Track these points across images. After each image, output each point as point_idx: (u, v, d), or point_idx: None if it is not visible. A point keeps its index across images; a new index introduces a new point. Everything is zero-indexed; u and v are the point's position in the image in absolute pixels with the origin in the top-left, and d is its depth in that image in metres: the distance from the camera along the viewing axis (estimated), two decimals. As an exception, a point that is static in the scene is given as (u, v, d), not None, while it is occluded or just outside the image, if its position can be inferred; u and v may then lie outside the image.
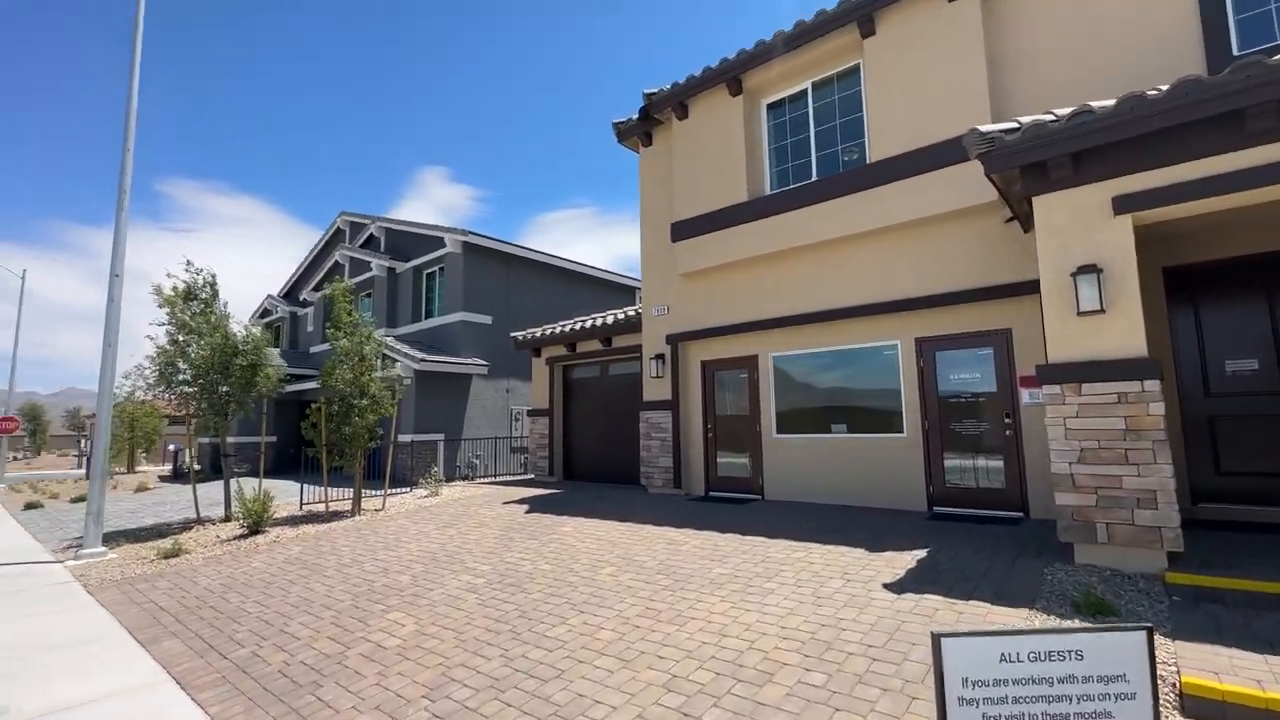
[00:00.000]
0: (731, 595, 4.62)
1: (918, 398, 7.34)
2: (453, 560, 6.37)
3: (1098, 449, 4.53)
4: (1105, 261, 4.61)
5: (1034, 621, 3.74)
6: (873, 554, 5.35)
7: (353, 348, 9.54)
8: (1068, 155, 4.70)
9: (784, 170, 8.83)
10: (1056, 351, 4.80)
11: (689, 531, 6.69)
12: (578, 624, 4.35)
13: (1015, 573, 4.61)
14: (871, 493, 7.55)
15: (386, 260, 17.42)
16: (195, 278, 9.92)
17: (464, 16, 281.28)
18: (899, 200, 7.28)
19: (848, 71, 8.21)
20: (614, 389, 11.91)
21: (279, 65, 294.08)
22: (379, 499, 10.40)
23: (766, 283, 8.69)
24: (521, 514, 8.47)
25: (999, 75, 6.91)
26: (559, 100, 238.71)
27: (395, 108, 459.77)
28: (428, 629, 4.53)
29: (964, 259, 7.03)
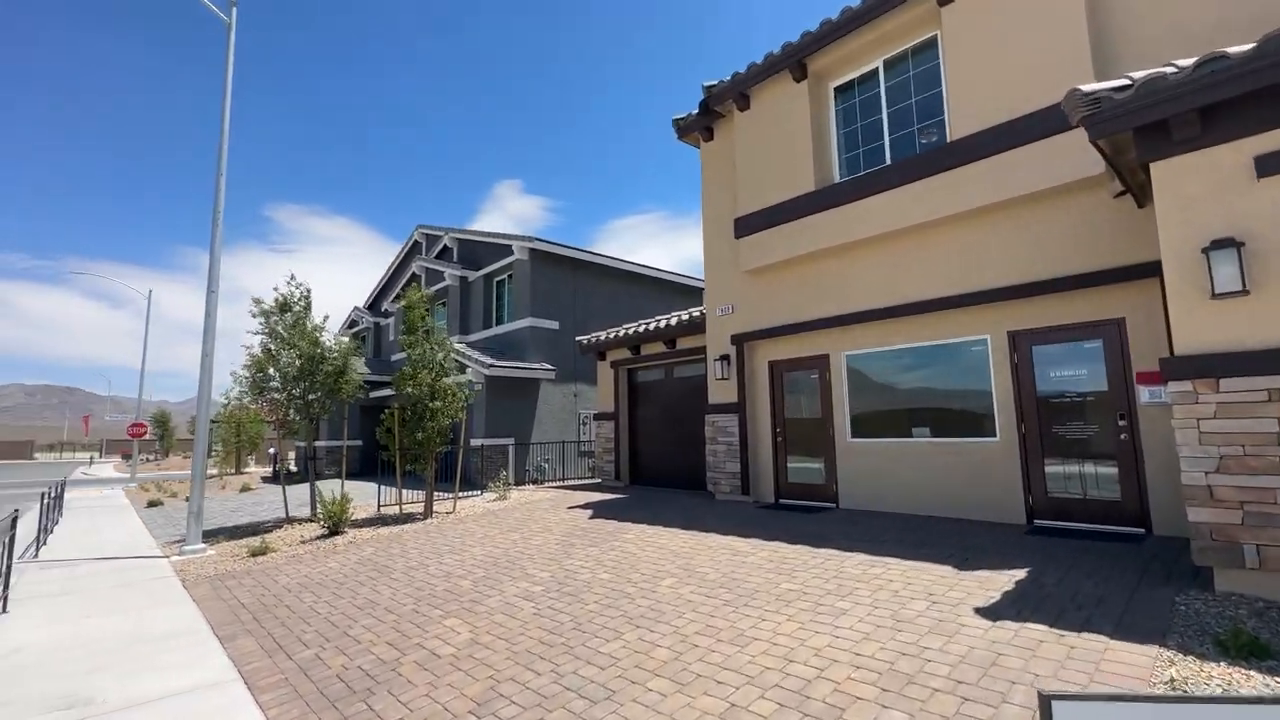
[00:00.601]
0: (800, 614, 4.23)
1: (1012, 398, 6.62)
2: (513, 566, 6.31)
3: (1243, 456, 3.82)
4: (1248, 234, 3.89)
5: (1165, 662, 3.14)
6: (962, 572, 4.80)
7: (425, 354, 9.79)
8: (1195, 111, 4.01)
9: (854, 156, 8.27)
10: (1185, 342, 4.10)
11: (755, 542, 6.32)
12: (633, 640, 4.12)
13: (1138, 601, 3.96)
14: (960, 502, 6.88)
15: (459, 269, 17.98)
16: (293, 291, 10.53)
17: (528, 17, 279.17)
18: (985, 180, 6.60)
19: (923, 45, 7.58)
20: (679, 392, 11.63)
21: (365, 93, 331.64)
22: (450, 502, 10.62)
23: (837, 277, 8.16)
24: (584, 520, 8.35)
25: (1104, 30, 6.12)
26: (626, 104, 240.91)
27: (472, 124, 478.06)
28: (482, 637, 4.44)
29: (1063, 241, 6.27)
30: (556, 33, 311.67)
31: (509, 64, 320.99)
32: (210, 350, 9.22)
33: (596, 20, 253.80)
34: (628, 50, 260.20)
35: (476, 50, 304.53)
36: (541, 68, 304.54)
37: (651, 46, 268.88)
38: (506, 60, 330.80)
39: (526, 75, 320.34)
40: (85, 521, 12.06)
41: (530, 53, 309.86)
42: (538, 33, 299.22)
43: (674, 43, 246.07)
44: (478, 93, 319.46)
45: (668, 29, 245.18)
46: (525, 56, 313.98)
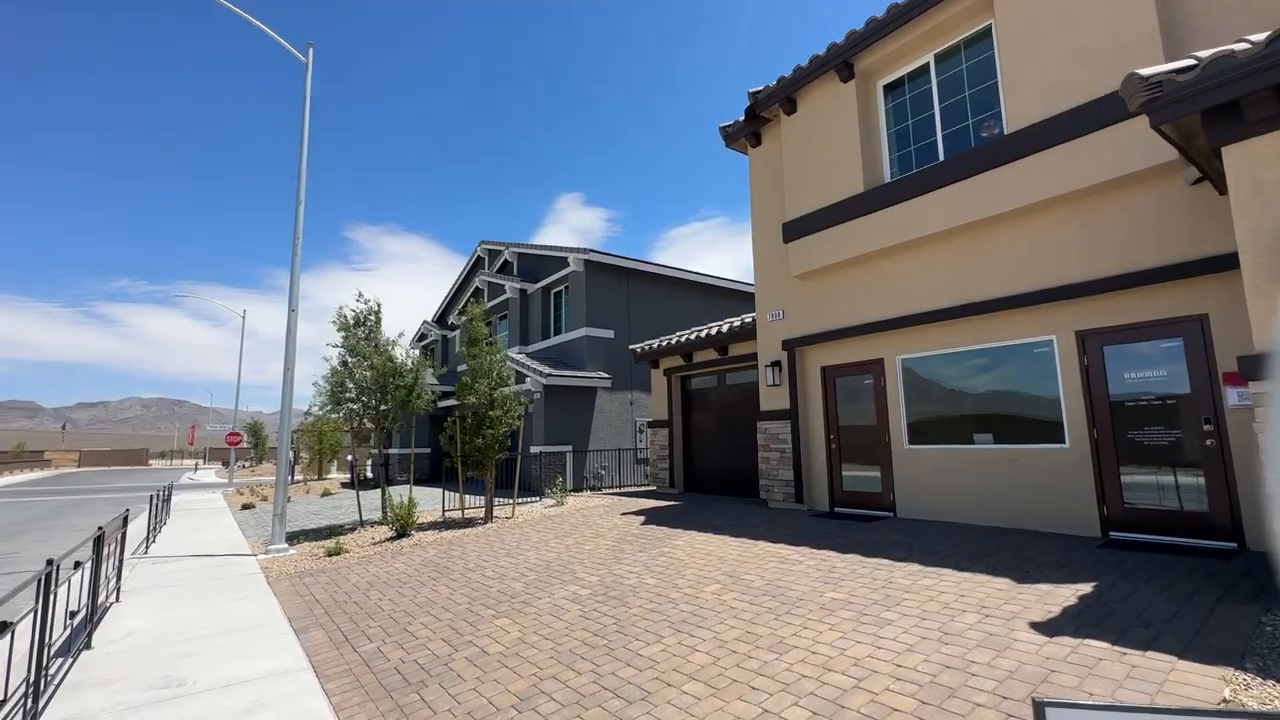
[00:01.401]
0: (842, 624, 4.16)
1: (1082, 401, 6.23)
2: (564, 569, 6.48)
3: (1337, 463, 3.47)
4: (1336, 219, 3.55)
5: (1237, 686, 2.91)
6: (1020, 585, 4.57)
7: (484, 365, 10.22)
8: (1270, 89, 3.71)
9: (905, 155, 8.04)
10: (1266, 338, 3.77)
11: (805, 550, 6.23)
12: (672, 643, 4.17)
13: (1216, 620, 3.66)
14: (1026, 513, 6.52)
15: (518, 282, 18.60)
16: (363, 307, 11.26)
17: (583, 35, 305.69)
18: (1047, 172, 6.28)
19: (976, 36, 7.30)
20: (732, 399, 11.57)
21: (437, 114, 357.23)
22: (509, 507, 10.98)
23: (890, 278, 7.94)
24: (637, 525, 8.46)
25: (1173, 8, 5.72)
26: (685, 111, 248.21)
27: (535, 140, 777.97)
28: (529, 637, 4.61)
29: (1135, 234, 5.87)
30: (612, 48, 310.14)
31: (568, 76, 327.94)
32: (291, 365, 9.98)
33: (647, 25, 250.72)
34: (684, 52, 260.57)
35: (534, 63, 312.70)
36: (599, 79, 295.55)
37: (708, 49, 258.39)
38: (566, 72, 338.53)
39: (586, 86, 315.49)
40: (189, 522, 13.24)
41: (588, 65, 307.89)
42: (593, 45, 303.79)
43: (730, 44, 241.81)
44: (539, 109, 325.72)
45: (720, 32, 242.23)
46: (583, 68, 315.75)
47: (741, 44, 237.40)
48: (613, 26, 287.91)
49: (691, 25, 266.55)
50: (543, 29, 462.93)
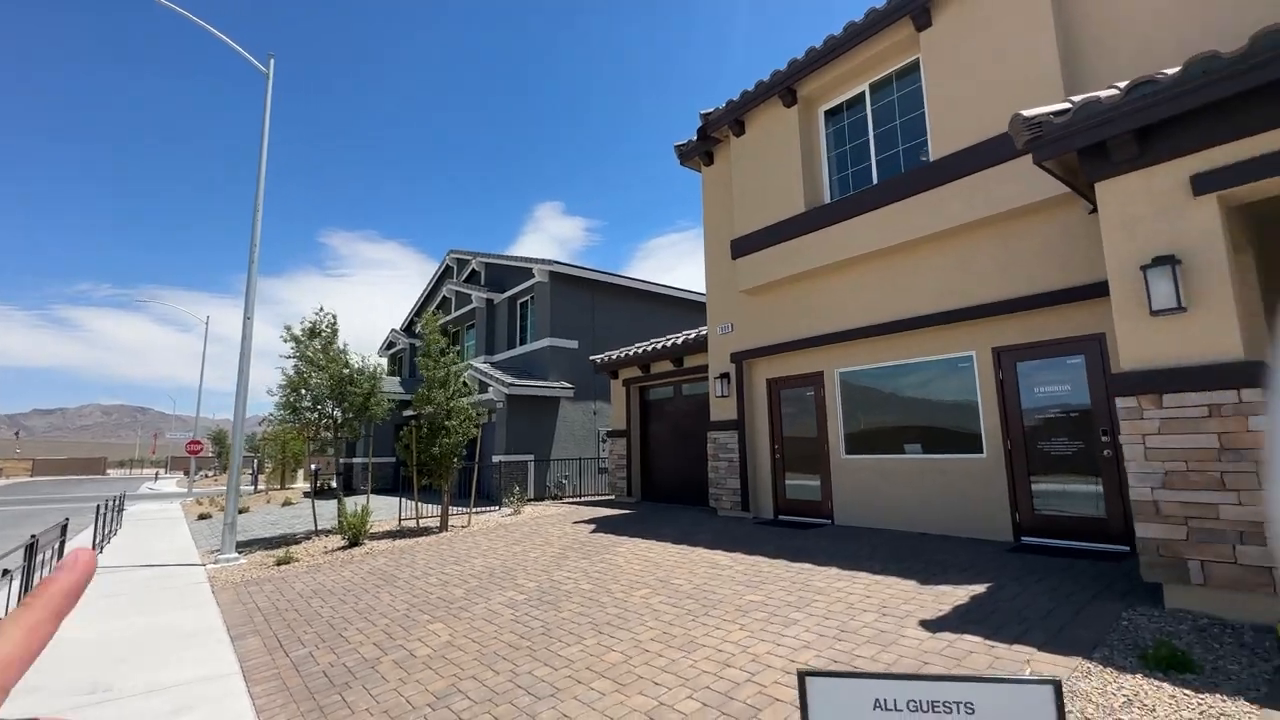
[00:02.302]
0: (752, 624, 4.41)
1: (998, 414, 6.62)
2: (507, 576, 6.64)
3: (1185, 471, 3.84)
4: (1185, 251, 3.95)
5: (1080, 673, 3.22)
6: (924, 587, 4.88)
7: (442, 375, 10.34)
8: (1130, 133, 4.11)
9: (844, 177, 8.45)
10: (1130, 358, 4.15)
11: (738, 556, 6.48)
12: (592, 644, 4.37)
13: (1085, 616, 3.99)
14: (950, 519, 6.88)
15: (485, 292, 18.71)
16: (320, 318, 11.30)
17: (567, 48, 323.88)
18: (966, 198, 6.70)
19: (906, 69, 7.75)
20: (687, 409, 11.85)
21: (412, 124, 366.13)
22: (466, 516, 11.07)
23: (829, 295, 8.30)
24: (586, 534, 8.64)
25: (1075, 51, 6.19)
26: (663, 125, 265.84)
27: (515, 148, 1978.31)
28: (458, 640, 4.77)
29: (1044, 258, 6.30)
30: (595, 63, 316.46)
31: (550, 88, 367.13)
32: (245, 372, 9.97)
33: (631, 44, 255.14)
34: (663, 68, 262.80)
35: (518, 76, 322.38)
36: (582, 93, 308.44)
37: (686, 65, 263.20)
38: (547, 85, 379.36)
39: (568, 99, 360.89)
40: (141, 532, 13.02)
41: (570, 78, 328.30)
42: (577, 60, 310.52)
43: (709, 60, 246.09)
44: (519, 119, 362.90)
45: (702, 46, 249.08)
46: (566, 82, 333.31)
47: (729, 53, 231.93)
48: (600, 38, 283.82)
49: (682, 39, 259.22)
50: (529, 39, 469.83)
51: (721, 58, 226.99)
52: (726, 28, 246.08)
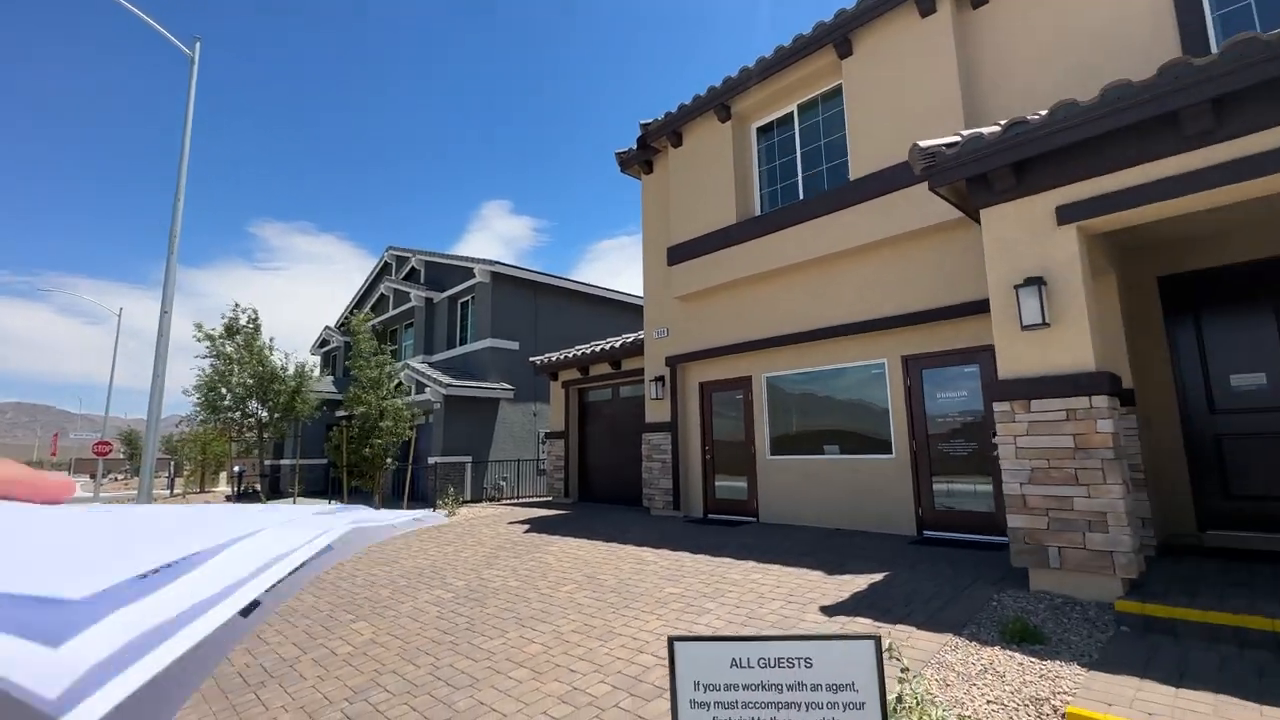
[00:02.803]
0: (669, 614, 4.66)
1: (905, 418, 7.15)
2: (435, 575, 6.66)
3: (1047, 468, 4.35)
4: (1051, 274, 4.46)
5: (950, 647, 3.62)
6: (830, 577, 5.26)
7: (374, 375, 10.18)
8: (1008, 166, 4.61)
9: (774, 191, 8.89)
10: (1005, 367, 4.65)
11: (663, 552, 6.74)
12: (514, 637, 4.51)
13: (963, 599, 4.44)
14: (862, 515, 7.36)
15: (424, 291, 18.40)
16: (239, 316, 10.91)
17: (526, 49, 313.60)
18: (879, 217, 7.21)
19: (830, 93, 8.25)
20: (624, 411, 12.08)
21: (351, 112, 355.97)
22: (398, 518, 10.90)
23: (758, 303, 8.71)
24: (519, 534, 8.71)
25: (975, 86, 6.80)
26: (614, 126, 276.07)
27: (463, 145, 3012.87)
28: (381, 637, 4.80)
29: (947, 274, 6.86)
30: (541, 61, 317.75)
31: (499, 83, 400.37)
32: (162, 371, 9.52)
33: (583, 39, 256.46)
34: (614, 69, 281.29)
35: (465, 72, 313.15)
36: (534, 92, 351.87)
37: (637, 68, 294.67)
38: (497, 80, 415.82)
39: (518, 96, 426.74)
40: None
41: (520, 75, 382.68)
42: (526, 54, 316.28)
43: (660, 64, 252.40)
44: (467, 115, 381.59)
45: (653, 47, 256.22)
46: (515, 79, 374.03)
47: (676, 61, 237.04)
48: (549, 33, 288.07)
49: (626, 37, 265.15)
50: (478, 34, 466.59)
51: (688, 56, 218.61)
52: (677, 33, 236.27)
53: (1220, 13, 5.48)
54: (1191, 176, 3.96)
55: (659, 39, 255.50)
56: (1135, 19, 5.86)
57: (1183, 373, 5.83)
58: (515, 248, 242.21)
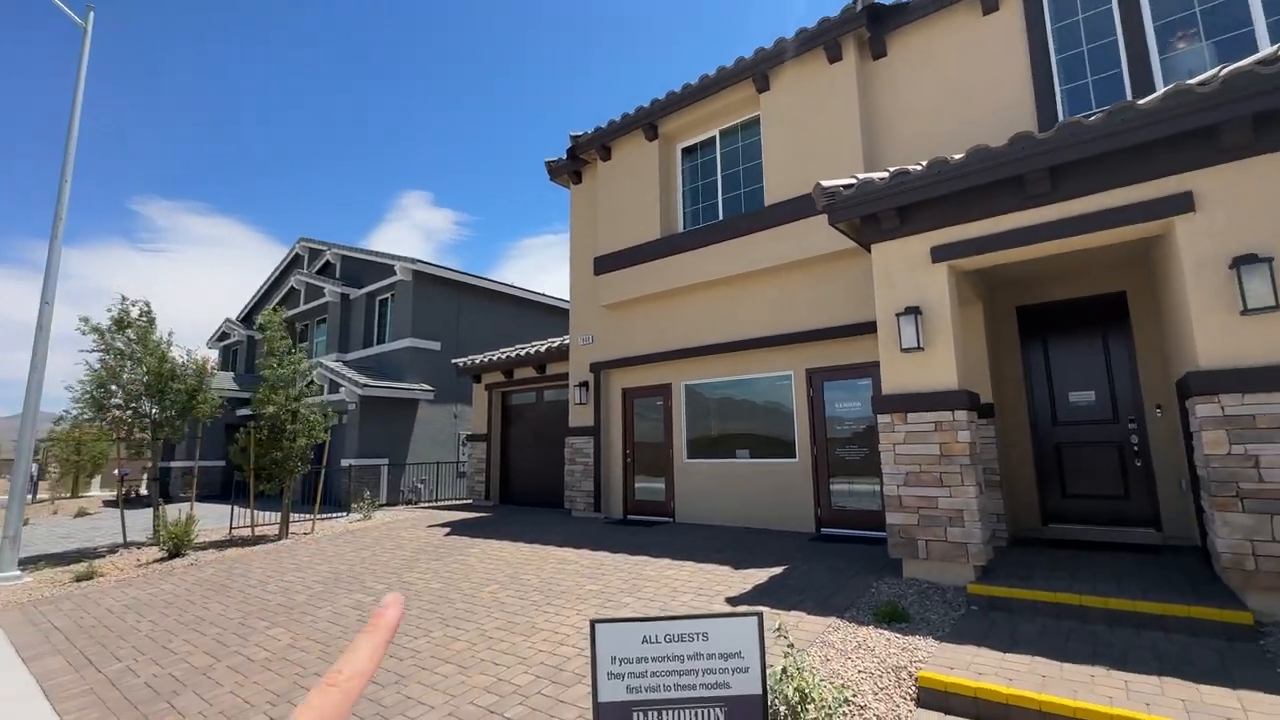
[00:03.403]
0: (588, 609, 4.98)
1: (808, 425, 7.84)
2: (355, 580, 6.63)
3: (919, 472, 5.04)
4: (926, 305, 5.17)
5: (833, 628, 4.17)
6: (737, 571, 5.76)
7: (285, 375, 9.81)
8: (893, 209, 5.30)
9: (696, 210, 9.43)
10: (888, 384, 5.33)
11: (584, 552, 7.04)
12: (439, 636, 4.68)
13: (849, 587, 5.05)
14: (769, 515, 7.98)
15: (340, 286, 17.70)
16: (130, 309, 10.14)
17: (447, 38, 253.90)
18: (789, 241, 7.87)
19: (749, 122, 8.88)
20: (548, 415, 12.27)
21: (261, 89, 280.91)
22: (310, 523, 10.56)
23: (679, 315, 9.21)
24: (440, 537, 8.74)
25: (875, 129, 7.60)
26: (544, 130, 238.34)
27: (380, 132, 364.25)
28: (301, 642, 4.81)
29: (846, 296, 7.61)
30: (476, 52, 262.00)
31: (429, 67, 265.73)
32: (41, 366, 8.77)
33: (501, 32, 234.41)
34: (549, 65, 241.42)
35: (388, 54, 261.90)
36: (458, 80, 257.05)
37: (572, 63, 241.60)
38: (428, 63, 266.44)
39: (442, 85, 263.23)
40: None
41: (450, 60, 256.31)
42: (448, 36, 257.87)
43: (595, 59, 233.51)
44: (390, 97, 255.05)
45: (586, 45, 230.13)
46: (441, 64, 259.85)
47: (613, 55, 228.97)
48: (476, 22, 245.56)
49: (557, 35, 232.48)
50: (401, 12, 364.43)
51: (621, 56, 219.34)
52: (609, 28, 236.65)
53: (1067, 87, 6.49)
54: (1032, 229, 4.76)
55: (604, 40, 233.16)
56: (1004, 83, 6.80)
57: (1033, 389, 6.82)
58: (436, 241, 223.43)
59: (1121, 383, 6.34)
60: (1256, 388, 3.82)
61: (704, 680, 2.16)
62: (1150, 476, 6.02)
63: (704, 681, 2.15)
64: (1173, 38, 6.15)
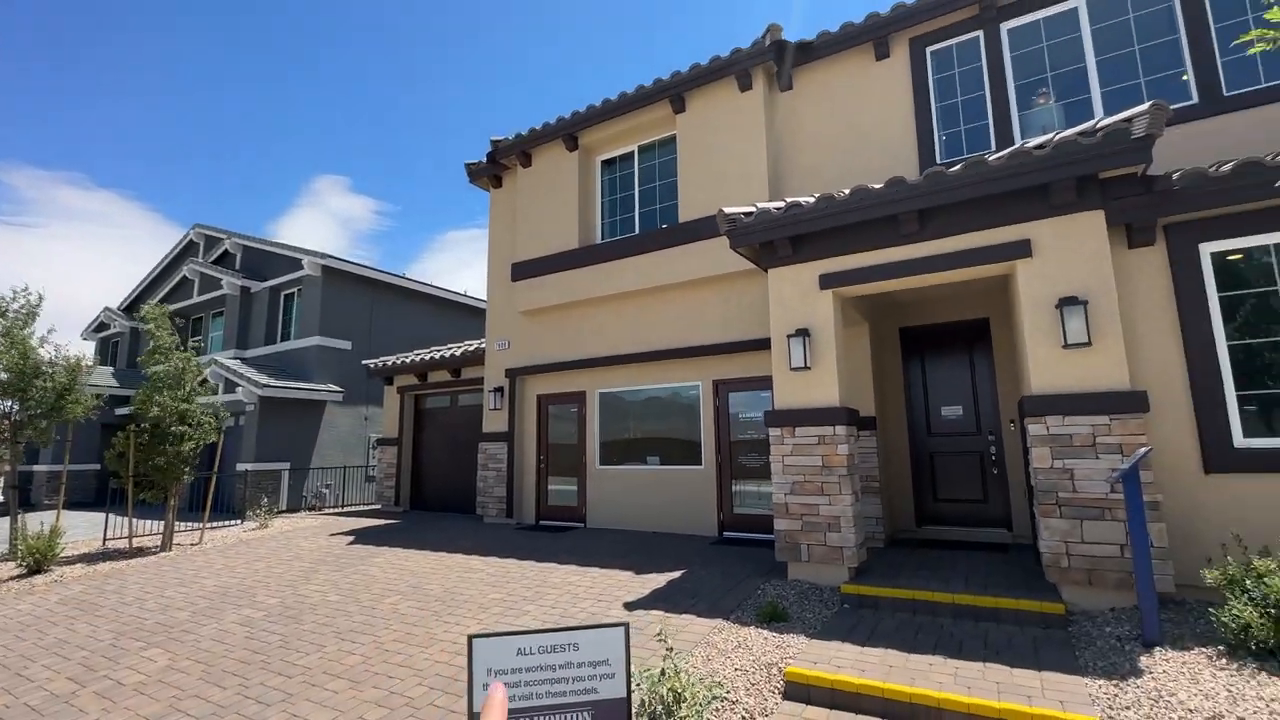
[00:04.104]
0: (489, 618, 5.06)
1: (714, 433, 8.24)
2: (244, 595, 6.35)
3: (804, 482, 5.47)
4: (814, 328, 5.62)
5: (718, 629, 4.49)
6: (638, 576, 6.01)
7: (170, 373, 9.17)
8: (787, 239, 5.72)
9: (614, 222, 9.65)
10: (779, 400, 5.74)
11: (492, 559, 7.08)
12: (333, 650, 4.61)
13: (738, 590, 5.41)
14: (676, 520, 8.31)
15: (240, 279, 16.61)
16: (7, 297, 9.16)
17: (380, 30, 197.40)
18: (701, 258, 8.23)
19: (666, 140, 9.21)
20: (462, 420, 12.12)
21: (163, 60, 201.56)
22: (198, 532, 9.91)
23: (595, 323, 9.39)
24: (342, 546, 8.47)
25: (779, 158, 8.10)
26: (472, 111, 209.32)
27: (293, 104, 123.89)
28: (180, 663, 4.60)
29: (752, 313, 8.05)
30: (413, 32, 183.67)
31: (343, 48, 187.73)
32: None
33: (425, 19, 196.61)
34: (483, 51, 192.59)
35: (308, 23, 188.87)
36: (378, 62, 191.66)
37: (505, 51, 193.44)
38: (339, 41, 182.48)
39: (360, 64, 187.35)
40: None
41: (379, 41, 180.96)
42: (383, 17, 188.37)
43: (521, 53, 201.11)
44: (295, 75, 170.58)
45: (522, 31, 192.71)
46: (361, 43, 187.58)
47: (537, 51, 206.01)
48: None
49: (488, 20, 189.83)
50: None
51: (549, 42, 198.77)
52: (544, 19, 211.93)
53: (945, 132, 7.22)
54: (906, 264, 5.30)
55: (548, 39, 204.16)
56: (892, 125, 7.46)
57: (913, 403, 7.51)
58: (353, 230, 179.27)
59: (984, 399, 7.12)
60: (1072, 411, 4.47)
61: (574, 687, 2.34)
62: (1004, 483, 6.80)
63: (574, 688, 2.34)
64: (1033, 95, 6.97)
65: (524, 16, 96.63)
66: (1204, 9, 5.96)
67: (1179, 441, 4.58)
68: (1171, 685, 3.21)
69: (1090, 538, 4.34)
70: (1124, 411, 4.34)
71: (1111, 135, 4.35)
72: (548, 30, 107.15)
